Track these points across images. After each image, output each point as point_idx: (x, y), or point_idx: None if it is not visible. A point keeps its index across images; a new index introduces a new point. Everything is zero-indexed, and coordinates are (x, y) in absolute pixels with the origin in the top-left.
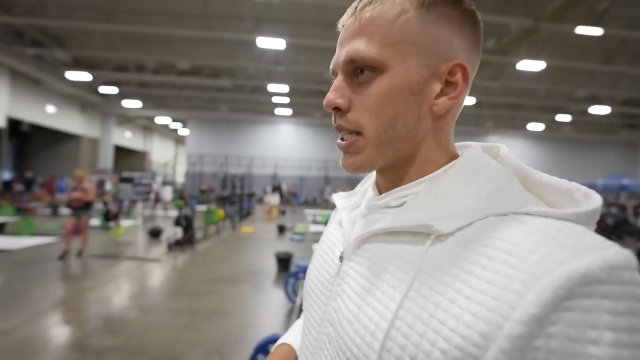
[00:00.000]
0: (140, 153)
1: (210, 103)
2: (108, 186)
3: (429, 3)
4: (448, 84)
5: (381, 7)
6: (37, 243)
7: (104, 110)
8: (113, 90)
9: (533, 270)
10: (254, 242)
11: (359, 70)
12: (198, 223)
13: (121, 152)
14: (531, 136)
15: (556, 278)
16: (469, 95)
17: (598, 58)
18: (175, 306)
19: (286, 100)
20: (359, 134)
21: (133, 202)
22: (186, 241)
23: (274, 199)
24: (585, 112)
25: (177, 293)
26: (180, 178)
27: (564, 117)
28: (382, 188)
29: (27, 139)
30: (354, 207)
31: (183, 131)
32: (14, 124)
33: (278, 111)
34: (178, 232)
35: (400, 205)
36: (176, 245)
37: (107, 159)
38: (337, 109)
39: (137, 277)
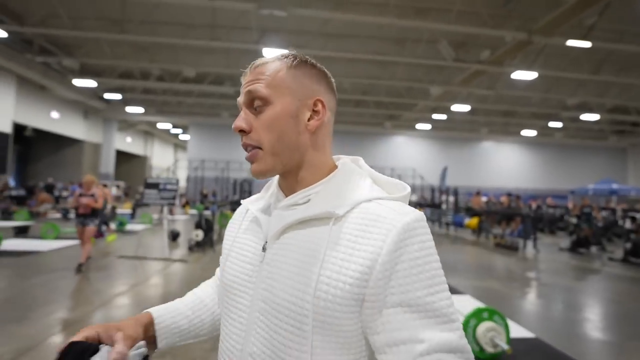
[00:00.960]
0: (140, 158)
1: (212, 109)
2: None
3: (295, 65)
4: (315, 112)
5: (267, 66)
6: (64, 245)
7: (106, 115)
8: (117, 96)
9: (388, 227)
10: None
11: (255, 103)
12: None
13: (122, 157)
14: (524, 142)
15: (397, 229)
16: (464, 103)
17: (587, 68)
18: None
19: None
20: (259, 148)
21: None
22: (206, 243)
23: None
24: (576, 119)
25: None
26: (181, 183)
27: (556, 124)
28: (286, 191)
29: (30, 144)
30: (265, 208)
31: (183, 136)
32: (18, 130)
33: None
34: (199, 234)
35: (306, 202)
36: (197, 247)
37: (109, 164)
38: (242, 131)
39: (171, 276)
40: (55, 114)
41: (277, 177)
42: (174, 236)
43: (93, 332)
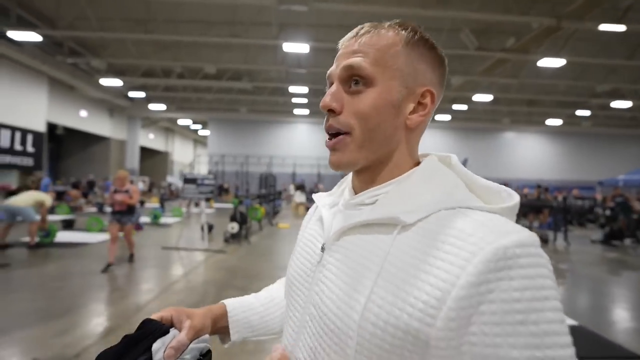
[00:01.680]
0: (162, 153)
1: (230, 105)
2: None
3: (413, 43)
4: (419, 104)
5: (377, 37)
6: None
7: (130, 113)
8: (141, 94)
9: (471, 249)
10: (294, 236)
11: (353, 81)
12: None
13: (145, 153)
14: (549, 131)
15: (486, 253)
16: (485, 92)
17: (621, 53)
18: (261, 287)
19: (304, 100)
20: (347, 134)
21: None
22: (241, 235)
23: (300, 197)
24: (606, 107)
25: (258, 277)
26: None
27: (583, 112)
28: (357, 189)
29: (60, 142)
30: (333, 205)
31: (203, 132)
32: (50, 128)
33: (297, 111)
34: (235, 227)
35: (374, 203)
36: (232, 239)
37: (134, 160)
38: (331, 110)
39: (215, 265)
40: (83, 113)
41: (351, 172)
42: (209, 228)
43: (168, 314)
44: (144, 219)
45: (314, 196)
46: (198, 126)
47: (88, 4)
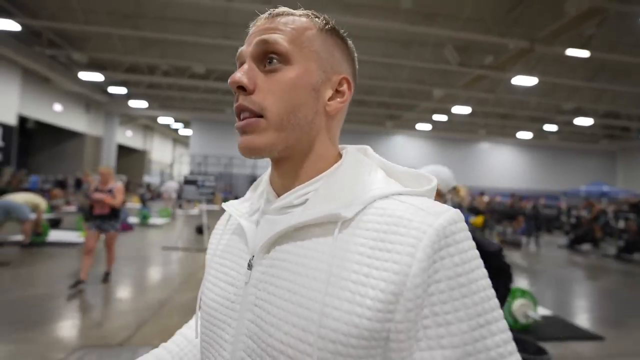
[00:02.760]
0: (140, 152)
1: (215, 105)
2: None
3: (327, 30)
4: (337, 92)
5: (293, 18)
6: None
7: (108, 109)
8: (122, 90)
9: (416, 235)
10: None
11: (268, 60)
12: None
13: (122, 151)
14: (520, 144)
15: (430, 236)
16: (465, 105)
17: (583, 75)
18: None
19: None
20: (260, 116)
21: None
22: None
23: None
24: (570, 123)
25: None
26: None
27: (550, 127)
28: (278, 188)
29: (31, 137)
30: (252, 212)
31: (184, 131)
32: (21, 122)
33: None
34: None
35: (303, 203)
36: None
37: (110, 158)
38: (241, 88)
39: None
40: (58, 107)
41: (267, 173)
42: (200, 230)
43: None
44: (133, 219)
45: (224, 205)
46: (179, 125)
47: None
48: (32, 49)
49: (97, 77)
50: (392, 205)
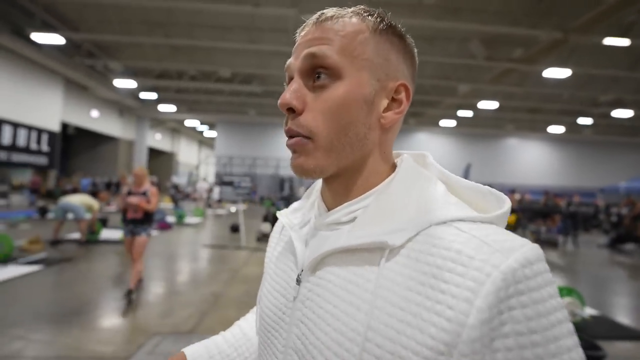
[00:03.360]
0: (168, 154)
1: (240, 107)
2: None
3: (381, 30)
4: (394, 100)
5: (342, 23)
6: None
7: (139, 114)
8: (152, 95)
9: (477, 277)
10: None
11: (316, 75)
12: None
13: (152, 153)
14: (551, 138)
15: (494, 281)
16: (491, 100)
17: (624, 65)
18: None
19: None
20: (309, 138)
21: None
22: None
23: None
24: (608, 115)
25: None
26: (209, 179)
27: (585, 120)
28: (329, 202)
29: (70, 141)
30: (302, 224)
31: (208, 133)
32: (62, 128)
33: None
34: (268, 227)
35: (352, 221)
36: (264, 238)
37: (142, 160)
38: (290, 110)
39: (260, 261)
40: (95, 113)
41: (320, 180)
42: (234, 228)
43: None
44: (170, 219)
45: (278, 214)
46: (204, 127)
47: (112, 8)
48: (73, 60)
49: (130, 84)
50: (450, 235)
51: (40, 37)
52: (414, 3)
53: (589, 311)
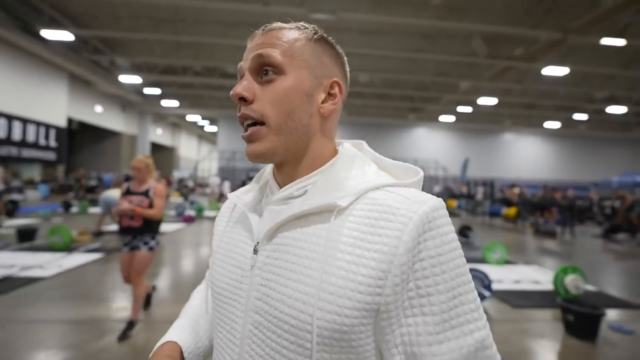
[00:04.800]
0: (169, 149)
1: None
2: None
3: (316, 39)
4: (330, 94)
5: (284, 32)
6: (174, 228)
7: (141, 109)
8: (156, 91)
9: (403, 220)
10: None
11: (264, 72)
12: None
13: (153, 148)
14: (547, 134)
15: (415, 221)
16: (491, 96)
17: (618, 63)
18: None
19: None
20: (262, 123)
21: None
22: None
23: None
24: (602, 111)
25: None
26: (210, 173)
27: (580, 116)
28: (280, 183)
29: (73, 136)
30: (255, 202)
31: (209, 128)
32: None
33: None
34: None
35: (303, 195)
36: None
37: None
38: (242, 99)
39: None
40: (99, 108)
41: (270, 166)
42: None
43: None
44: (190, 212)
45: (230, 195)
46: (205, 122)
47: (120, 5)
48: (79, 56)
49: (135, 79)
50: (383, 195)
51: (49, 34)
52: (420, 2)
53: (589, 287)
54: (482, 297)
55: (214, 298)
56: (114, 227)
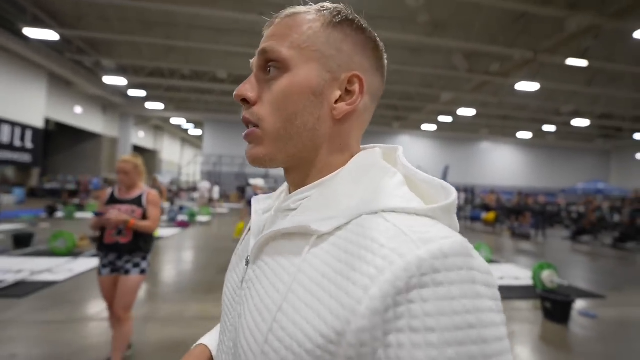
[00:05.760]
0: (151, 152)
1: (229, 106)
2: None
3: (335, 23)
4: (347, 92)
5: (298, 18)
6: (174, 232)
7: (124, 111)
8: (141, 93)
9: (379, 265)
10: None
11: (268, 68)
12: None
13: (135, 151)
14: (520, 143)
15: (395, 270)
16: (470, 107)
17: (581, 81)
18: None
19: None
20: (257, 126)
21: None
22: None
23: None
24: (568, 124)
25: None
26: (197, 178)
27: (549, 127)
28: (291, 191)
29: (49, 138)
30: (267, 210)
31: (193, 132)
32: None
33: None
34: None
35: (297, 208)
36: None
37: None
38: (245, 101)
39: None
40: (78, 109)
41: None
42: None
43: None
44: (182, 217)
45: (253, 199)
46: (189, 125)
47: (111, 8)
48: (62, 56)
49: (120, 81)
50: (374, 224)
51: (32, 33)
52: (408, 18)
53: (561, 281)
54: None
55: (222, 302)
56: None
